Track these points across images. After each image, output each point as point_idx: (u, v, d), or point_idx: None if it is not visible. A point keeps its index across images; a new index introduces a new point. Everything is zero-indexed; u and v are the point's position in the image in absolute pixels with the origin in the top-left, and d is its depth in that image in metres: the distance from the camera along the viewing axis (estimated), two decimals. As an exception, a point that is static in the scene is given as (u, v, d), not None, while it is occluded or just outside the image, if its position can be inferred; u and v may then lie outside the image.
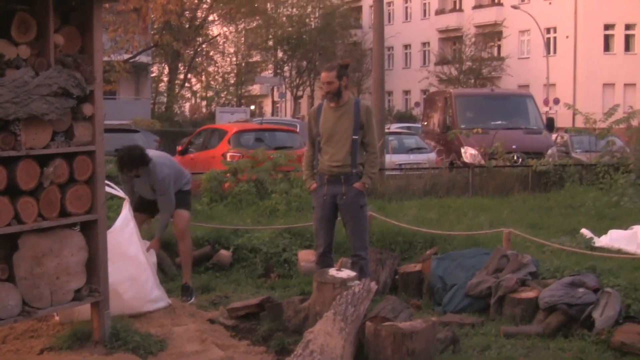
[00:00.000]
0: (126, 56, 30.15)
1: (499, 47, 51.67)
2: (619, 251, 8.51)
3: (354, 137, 6.77)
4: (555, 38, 47.78)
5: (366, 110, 6.88)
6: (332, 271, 6.28)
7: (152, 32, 34.30)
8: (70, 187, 5.49)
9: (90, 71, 5.57)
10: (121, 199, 7.03)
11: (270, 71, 58.40)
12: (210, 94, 55.12)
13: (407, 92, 58.96)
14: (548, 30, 47.03)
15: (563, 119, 35.71)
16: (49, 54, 5.33)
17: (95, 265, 5.71)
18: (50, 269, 5.38)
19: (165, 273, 8.20)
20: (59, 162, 5.39)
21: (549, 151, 17.95)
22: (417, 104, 51.58)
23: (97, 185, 5.67)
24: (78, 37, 5.67)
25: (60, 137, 5.46)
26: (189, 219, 7.80)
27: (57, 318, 6.25)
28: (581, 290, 6.46)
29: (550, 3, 47.28)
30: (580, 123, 21.81)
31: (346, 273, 6.24)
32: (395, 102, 57.89)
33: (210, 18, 46.61)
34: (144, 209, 7.68)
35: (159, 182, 7.36)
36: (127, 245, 6.61)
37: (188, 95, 55.43)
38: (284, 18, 55.98)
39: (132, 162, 7.20)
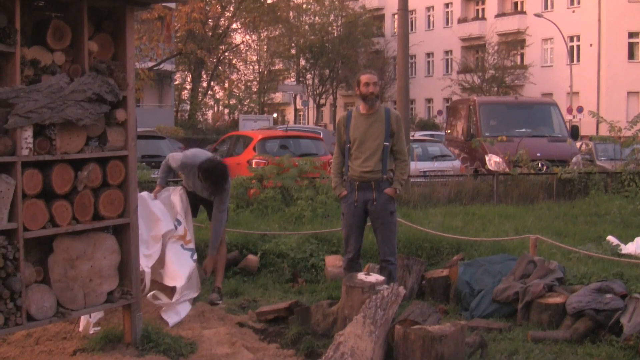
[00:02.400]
0: (150, 64, 30.37)
1: (522, 55, 51.49)
2: (646, 258, 8.51)
3: (385, 143, 6.86)
4: (578, 46, 47.56)
5: (396, 118, 6.99)
6: (361, 275, 6.33)
7: (176, 40, 34.52)
8: (104, 191, 5.58)
9: (123, 77, 5.66)
10: None
11: (292, 79, 58.56)
12: (233, 101, 55.41)
13: (429, 101, 58.90)
14: (571, 39, 46.83)
15: (586, 127, 35.61)
16: (83, 60, 5.42)
17: (127, 268, 5.79)
18: (83, 272, 5.46)
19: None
20: (93, 166, 5.48)
21: (574, 159, 17.90)
22: (439, 112, 51.57)
23: (129, 190, 5.75)
24: (111, 44, 5.76)
25: (94, 142, 5.54)
26: (225, 226, 7.93)
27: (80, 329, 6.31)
28: (609, 296, 6.46)
29: (573, 11, 47.11)
30: (604, 131, 21.78)
31: (375, 277, 6.28)
32: (417, 110, 57.83)
33: (233, 26, 46.82)
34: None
35: (225, 198, 7.58)
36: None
37: (211, 102, 55.69)
38: (307, 26, 56.09)
39: (224, 180, 7.36)
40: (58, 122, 5.19)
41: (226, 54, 48.67)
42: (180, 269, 6.89)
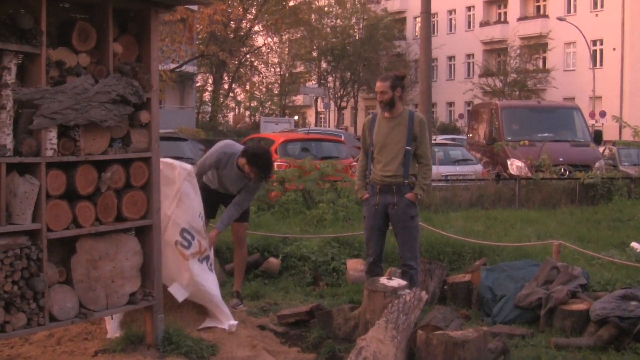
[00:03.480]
0: (172, 65, 30.45)
1: (544, 59, 51.27)
2: (670, 265, 8.41)
3: (407, 147, 6.82)
4: (601, 50, 47.31)
5: (420, 122, 6.93)
6: (383, 280, 6.30)
7: (198, 42, 34.62)
8: (127, 192, 5.58)
9: (147, 79, 5.66)
10: None
11: (314, 82, 58.62)
12: (254, 103, 55.51)
13: (450, 104, 58.79)
14: (594, 42, 46.58)
15: (609, 132, 35.39)
16: (108, 62, 5.43)
17: (149, 269, 5.78)
18: (105, 273, 5.47)
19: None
20: (116, 167, 5.48)
21: (597, 164, 17.78)
22: (461, 116, 51.42)
23: (152, 191, 5.76)
24: (135, 46, 5.77)
25: (118, 144, 5.55)
26: (246, 228, 7.89)
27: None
28: (633, 303, 6.39)
29: (596, 15, 46.87)
30: (627, 136, 21.61)
31: (397, 282, 6.26)
32: (439, 113, 57.66)
33: (255, 28, 46.93)
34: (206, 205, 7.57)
35: (258, 187, 7.48)
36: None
37: (232, 104, 55.79)
38: (328, 29, 56.10)
39: (271, 165, 7.27)
40: (82, 123, 5.20)
41: (248, 56, 48.78)
42: (211, 288, 6.67)
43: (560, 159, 17.35)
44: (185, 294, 6.37)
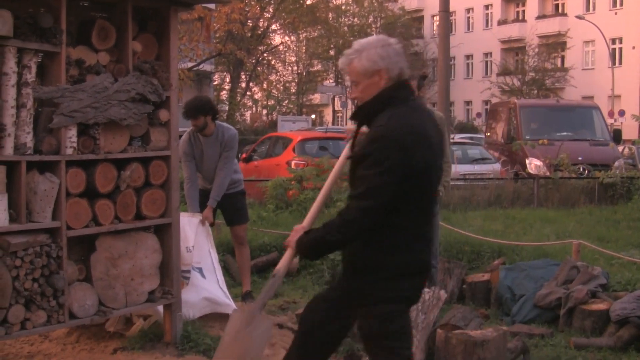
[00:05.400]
0: (190, 64, 30.52)
1: (563, 57, 50.99)
2: (691, 265, 8.35)
3: None
4: (620, 49, 46.99)
5: (440, 120, 6.91)
6: (402, 279, 6.27)
7: (215, 41, 34.65)
8: (146, 190, 5.60)
9: (166, 78, 5.67)
10: None
11: (331, 80, 58.51)
12: (271, 102, 55.50)
13: (468, 103, 58.58)
14: (613, 41, 46.27)
15: (628, 131, 35.12)
16: (127, 60, 5.45)
17: (168, 267, 5.80)
18: (125, 271, 5.49)
19: (233, 278, 8.29)
20: (136, 166, 5.50)
21: (616, 163, 17.67)
22: (479, 115, 51.20)
23: (171, 190, 5.77)
24: (155, 45, 5.78)
25: (137, 142, 5.57)
26: (246, 229, 7.91)
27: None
28: (654, 303, 6.36)
29: (616, 13, 46.57)
30: (647, 135, 21.43)
31: (415, 281, 6.22)
32: (456, 112, 57.42)
33: (273, 27, 46.93)
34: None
35: (231, 136, 7.41)
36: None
37: (249, 103, 55.80)
38: (345, 28, 55.96)
39: (201, 107, 7.28)
40: (102, 121, 5.22)
41: (265, 54, 48.78)
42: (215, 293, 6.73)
43: (579, 158, 17.28)
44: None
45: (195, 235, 6.83)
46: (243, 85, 50.52)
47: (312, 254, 3.99)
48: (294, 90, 57.12)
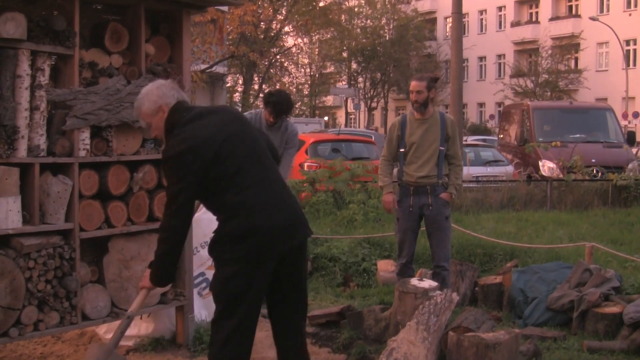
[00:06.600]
0: (203, 66, 30.55)
1: (576, 59, 50.81)
2: None
3: (440, 148, 6.83)
4: (635, 50, 46.83)
5: (452, 123, 6.98)
6: (414, 281, 6.28)
7: (228, 43, 34.68)
8: (158, 192, 5.62)
9: (179, 80, 5.68)
10: None
11: (344, 82, 58.53)
12: (284, 104, 55.41)
13: (481, 105, 58.45)
14: (627, 42, 46.11)
15: (642, 133, 34.95)
16: (140, 63, 5.47)
17: (180, 269, 5.81)
18: (137, 272, 5.50)
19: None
20: (148, 168, 5.52)
21: (630, 165, 17.58)
22: (492, 117, 51.08)
23: (184, 192, 5.77)
24: (167, 47, 5.81)
25: (150, 144, 5.59)
26: None
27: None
28: (668, 306, 6.32)
29: (630, 14, 46.39)
30: (661, 137, 21.32)
31: (428, 283, 6.23)
32: (469, 114, 57.35)
33: (285, 29, 46.96)
34: None
35: (294, 132, 7.46)
36: None
37: (262, 105, 55.82)
38: (358, 30, 56.02)
39: (289, 107, 7.31)
40: (115, 123, 5.26)
41: (278, 56, 48.81)
42: None
43: (593, 160, 17.21)
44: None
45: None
46: (256, 87, 50.53)
47: (162, 275, 4.32)
48: (306, 92, 57.12)
